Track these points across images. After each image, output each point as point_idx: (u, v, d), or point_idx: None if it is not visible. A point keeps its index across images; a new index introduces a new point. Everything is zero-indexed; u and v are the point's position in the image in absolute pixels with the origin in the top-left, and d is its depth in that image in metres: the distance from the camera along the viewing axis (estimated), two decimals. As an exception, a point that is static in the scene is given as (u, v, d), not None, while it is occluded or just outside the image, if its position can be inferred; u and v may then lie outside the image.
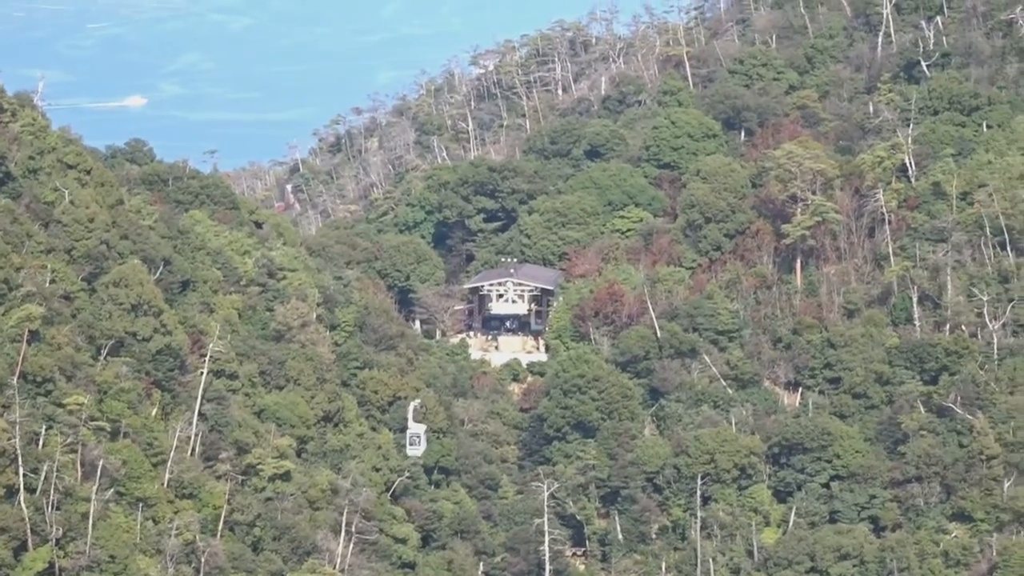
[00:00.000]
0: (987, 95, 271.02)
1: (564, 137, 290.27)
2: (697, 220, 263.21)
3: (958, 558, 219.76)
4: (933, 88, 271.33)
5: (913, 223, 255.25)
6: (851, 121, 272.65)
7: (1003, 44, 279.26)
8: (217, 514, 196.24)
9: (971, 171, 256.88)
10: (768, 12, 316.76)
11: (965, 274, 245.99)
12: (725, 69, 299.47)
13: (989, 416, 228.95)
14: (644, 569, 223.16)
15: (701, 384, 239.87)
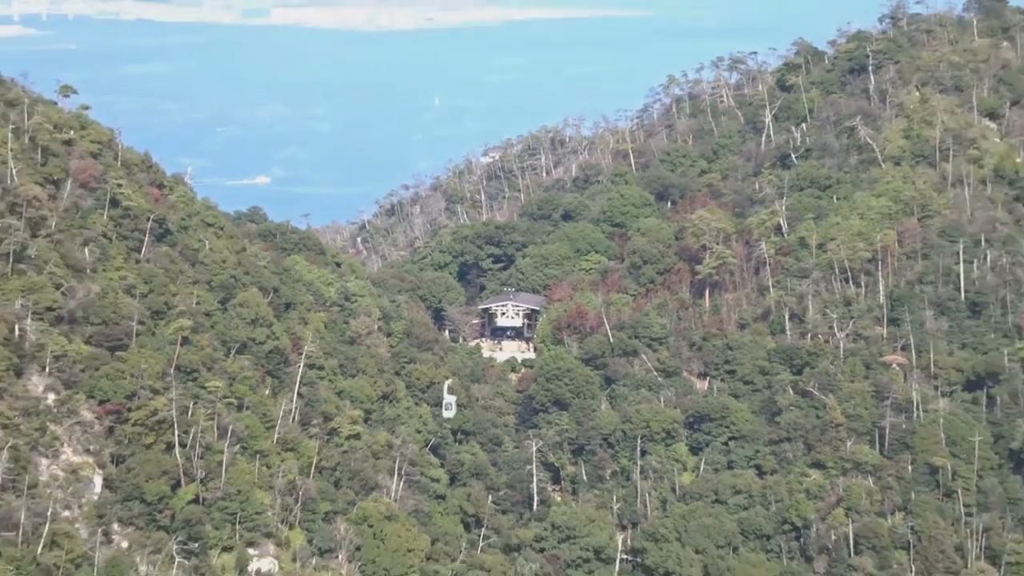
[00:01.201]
0: (836, 177, 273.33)
1: (547, 205, 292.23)
2: (637, 262, 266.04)
3: (815, 494, 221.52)
4: (799, 173, 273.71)
5: (785, 265, 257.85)
6: (743, 195, 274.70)
7: (847, 143, 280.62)
8: (310, 462, 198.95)
9: (825, 229, 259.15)
10: (687, 120, 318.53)
11: (820, 300, 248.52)
12: (657, 159, 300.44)
13: (836, 396, 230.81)
14: (601, 500, 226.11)
15: (640, 374, 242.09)
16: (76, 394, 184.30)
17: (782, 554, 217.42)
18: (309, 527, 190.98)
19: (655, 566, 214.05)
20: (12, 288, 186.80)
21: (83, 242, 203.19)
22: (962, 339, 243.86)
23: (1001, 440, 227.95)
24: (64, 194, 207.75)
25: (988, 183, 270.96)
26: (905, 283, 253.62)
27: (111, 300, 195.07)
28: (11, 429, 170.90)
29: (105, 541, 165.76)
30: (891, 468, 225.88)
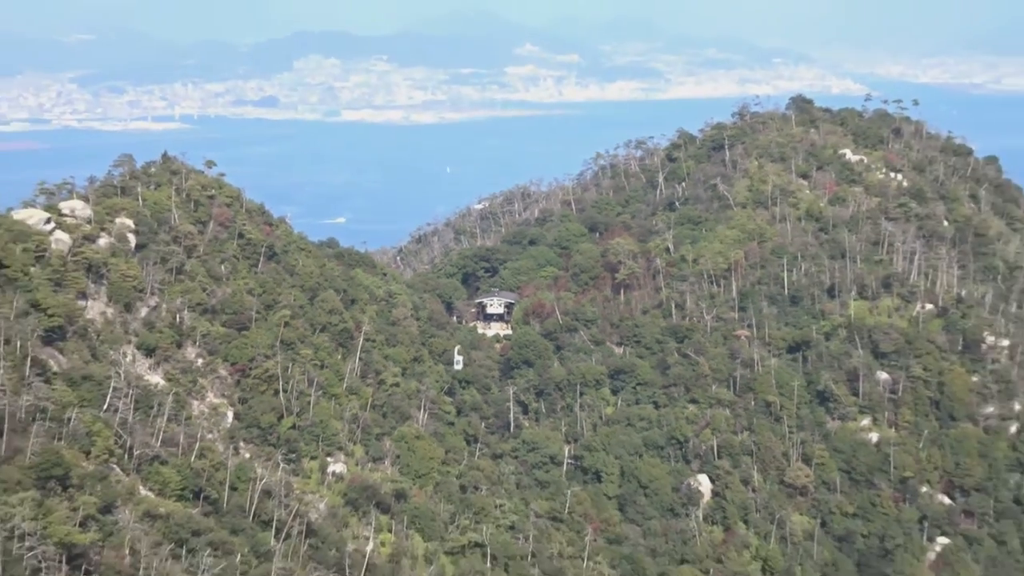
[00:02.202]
0: (704, 217, 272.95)
1: (518, 236, 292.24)
2: (577, 272, 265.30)
3: (692, 420, 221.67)
4: (681, 214, 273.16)
5: (672, 273, 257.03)
6: (645, 228, 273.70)
7: (711, 194, 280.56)
8: (366, 401, 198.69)
9: (697, 250, 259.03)
10: (608, 180, 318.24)
11: (695, 295, 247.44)
12: (589, 205, 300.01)
13: (705, 357, 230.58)
14: (554, 425, 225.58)
15: (579, 344, 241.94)
16: (216, 359, 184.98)
17: (670, 459, 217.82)
18: (366, 443, 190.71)
19: (588, 467, 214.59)
20: (175, 291, 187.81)
21: (220, 261, 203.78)
22: (785, 320, 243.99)
23: (811, 384, 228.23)
24: (208, 230, 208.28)
25: (801, 220, 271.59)
26: (749, 284, 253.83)
27: (238, 298, 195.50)
28: (174, 381, 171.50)
29: (234, 453, 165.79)
30: (741, 403, 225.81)
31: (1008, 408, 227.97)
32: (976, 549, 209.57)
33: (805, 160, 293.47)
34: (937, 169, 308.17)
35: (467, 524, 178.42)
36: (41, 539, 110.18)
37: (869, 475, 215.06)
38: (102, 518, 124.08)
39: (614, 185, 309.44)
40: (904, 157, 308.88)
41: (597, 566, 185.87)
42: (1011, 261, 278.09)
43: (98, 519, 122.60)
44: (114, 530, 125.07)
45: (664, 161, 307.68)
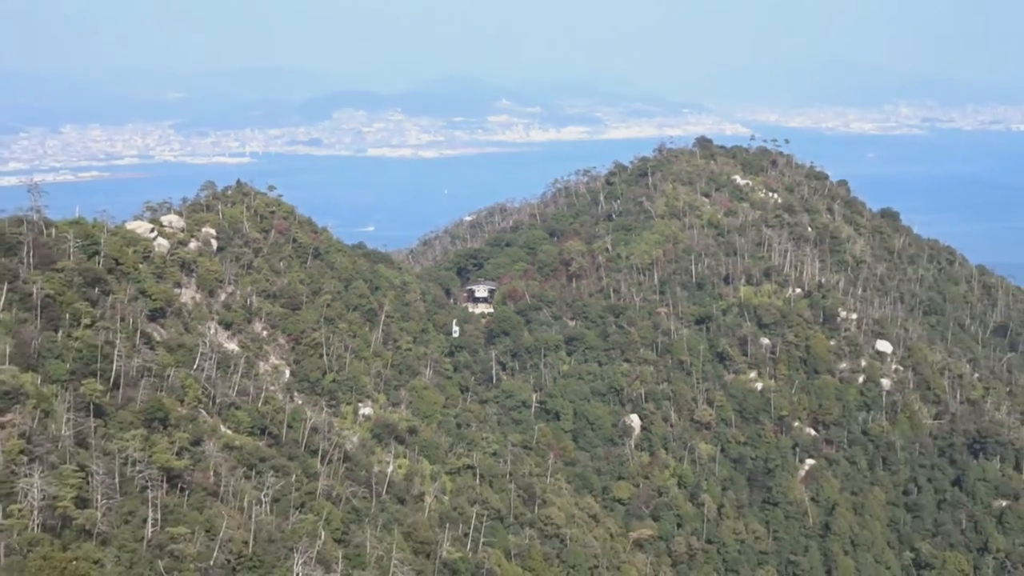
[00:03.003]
0: (634, 226, 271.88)
1: (498, 240, 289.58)
2: (541, 266, 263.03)
3: (625, 374, 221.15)
4: (617, 223, 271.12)
5: (611, 267, 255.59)
6: (591, 234, 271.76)
7: (639, 209, 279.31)
8: (387, 361, 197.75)
9: (629, 249, 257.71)
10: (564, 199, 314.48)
11: (627, 282, 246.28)
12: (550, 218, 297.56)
13: (635, 328, 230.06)
14: (525, 378, 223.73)
15: (543, 319, 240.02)
16: (276, 331, 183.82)
17: (610, 403, 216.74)
18: (387, 393, 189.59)
19: (550, 409, 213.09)
20: (246, 281, 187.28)
21: (279, 259, 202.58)
22: (693, 300, 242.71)
23: (713, 347, 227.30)
24: (270, 237, 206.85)
25: (704, 227, 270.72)
26: (667, 274, 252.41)
27: (292, 286, 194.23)
28: (245, 348, 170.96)
29: (290, 400, 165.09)
30: (661, 362, 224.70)
31: (856, 364, 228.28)
32: (834, 468, 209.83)
33: (706, 184, 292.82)
34: (803, 190, 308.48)
35: (462, 452, 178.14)
36: (147, 464, 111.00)
37: (755, 414, 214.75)
38: (193, 449, 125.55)
39: (568, 202, 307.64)
40: (779, 181, 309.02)
41: (557, 481, 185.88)
42: (857, 257, 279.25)
43: (190, 450, 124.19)
44: (202, 457, 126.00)
45: (604, 184, 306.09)
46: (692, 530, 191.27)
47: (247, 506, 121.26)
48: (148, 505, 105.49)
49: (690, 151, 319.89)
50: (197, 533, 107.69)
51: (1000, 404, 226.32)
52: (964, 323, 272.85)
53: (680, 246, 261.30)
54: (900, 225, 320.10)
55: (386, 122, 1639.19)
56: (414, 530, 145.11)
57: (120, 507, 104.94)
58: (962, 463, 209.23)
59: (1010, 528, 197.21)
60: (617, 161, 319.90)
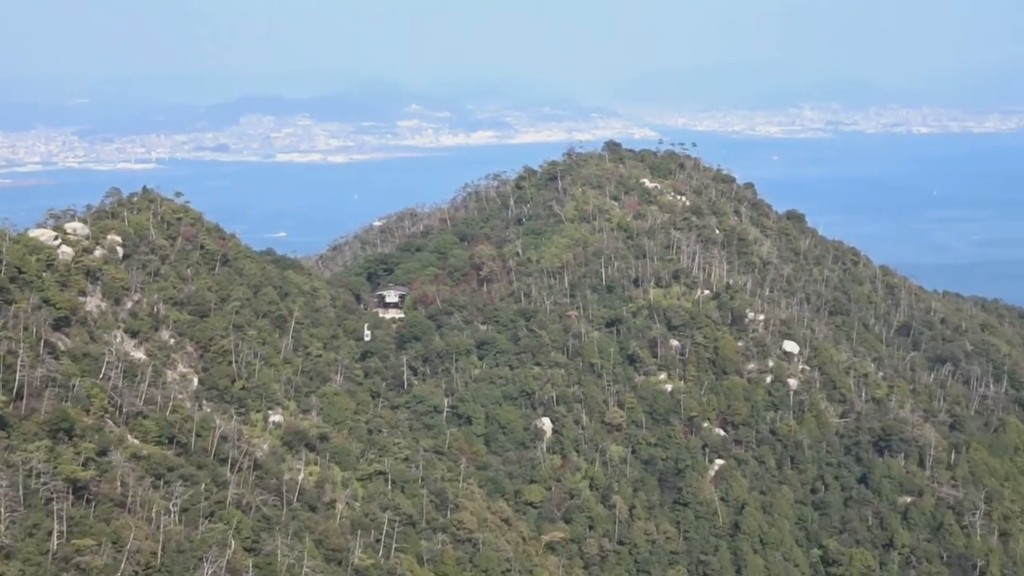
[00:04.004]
0: (544, 229, 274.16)
1: (408, 244, 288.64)
2: (452, 270, 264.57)
3: (537, 377, 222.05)
4: (527, 227, 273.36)
5: (521, 270, 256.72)
6: (502, 237, 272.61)
7: (548, 212, 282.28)
8: (296, 368, 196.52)
9: (540, 253, 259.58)
10: (474, 203, 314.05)
11: (538, 286, 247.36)
12: (460, 222, 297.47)
13: (547, 331, 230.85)
14: (437, 383, 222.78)
15: (454, 323, 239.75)
16: (184, 339, 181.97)
17: (522, 406, 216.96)
18: (298, 400, 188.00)
19: (462, 413, 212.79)
20: (153, 289, 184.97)
21: (187, 266, 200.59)
22: (603, 303, 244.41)
23: (623, 349, 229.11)
24: (177, 244, 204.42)
25: (614, 231, 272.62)
26: (577, 277, 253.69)
27: (200, 293, 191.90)
28: (153, 356, 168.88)
29: (199, 409, 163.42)
30: (572, 364, 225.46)
31: (764, 364, 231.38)
32: (743, 467, 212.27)
33: (616, 187, 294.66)
34: (710, 193, 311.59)
35: (373, 457, 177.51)
36: (52, 476, 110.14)
37: (666, 415, 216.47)
38: (99, 459, 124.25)
39: (478, 207, 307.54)
40: (687, 184, 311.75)
41: (469, 486, 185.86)
42: (764, 258, 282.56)
43: (96, 460, 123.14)
44: (108, 468, 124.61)
45: (514, 189, 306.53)
46: (604, 532, 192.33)
47: (155, 516, 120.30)
48: (53, 517, 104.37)
49: (599, 155, 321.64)
50: (104, 545, 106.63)
51: (904, 402, 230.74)
52: (868, 323, 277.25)
53: (590, 249, 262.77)
54: (805, 227, 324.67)
55: (294, 127, 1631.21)
56: (325, 537, 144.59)
57: (24, 520, 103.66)
58: (868, 461, 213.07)
59: (914, 524, 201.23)
60: (527, 165, 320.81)
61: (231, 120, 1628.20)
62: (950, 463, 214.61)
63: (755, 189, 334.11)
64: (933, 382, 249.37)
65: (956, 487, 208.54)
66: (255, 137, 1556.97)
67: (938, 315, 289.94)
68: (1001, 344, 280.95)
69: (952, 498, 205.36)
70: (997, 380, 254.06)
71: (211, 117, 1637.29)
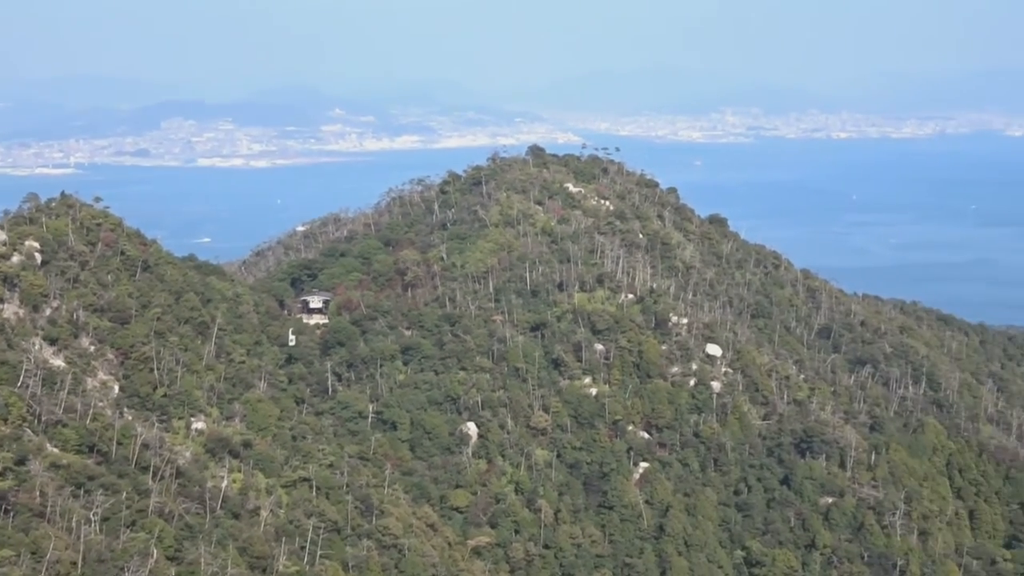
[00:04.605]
0: (469, 234, 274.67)
1: (332, 250, 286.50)
2: (376, 276, 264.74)
3: (462, 382, 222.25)
4: (451, 232, 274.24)
5: (446, 275, 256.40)
6: (426, 242, 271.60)
7: (473, 217, 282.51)
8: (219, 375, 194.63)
9: (464, 258, 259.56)
10: (399, 208, 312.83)
11: (463, 291, 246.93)
12: (384, 227, 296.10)
13: (471, 336, 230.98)
14: (362, 389, 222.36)
15: (379, 328, 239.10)
16: (104, 346, 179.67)
17: (447, 411, 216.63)
18: (221, 406, 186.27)
19: (387, 419, 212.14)
20: (72, 296, 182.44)
21: (107, 272, 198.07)
22: (528, 308, 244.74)
23: (548, 354, 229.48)
24: (97, 250, 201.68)
25: (538, 235, 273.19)
26: (501, 282, 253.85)
27: (120, 300, 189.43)
28: (72, 364, 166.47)
29: (120, 417, 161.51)
30: (497, 369, 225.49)
31: (688, 368, 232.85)
32: (667, 470, 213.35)
33: (540, 192, 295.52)
34: (634, 197, 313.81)
35: (298, 464, 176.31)
36: None
37: (591, 419, 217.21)
38: (17, 469, 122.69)
39: (402, 212, 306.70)
40: (610, 189, 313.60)
41: (395, 491, 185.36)
42: (687, 262, 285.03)
43: (14, 470, 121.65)
44: (27, 477, 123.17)
45: (438, 194, 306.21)
46: (529, 536, 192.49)
47: (75, 526, 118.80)
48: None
49: (523, 160, 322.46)
50: (23, 556, 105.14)
51: (825, 404, 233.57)
52: (790, 326, 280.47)
53: (514, 254, 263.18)
54: (728, 231, 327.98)
55: (216, 132, 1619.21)
56: (249, 545, 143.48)
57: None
58: (790, 462, 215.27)
59: (836, 524, 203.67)
60: (451, 170, 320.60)
61: (152, 125, 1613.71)
62: (870, 464, 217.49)
63: (678, 194, 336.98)
64: (853, 384, 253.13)
65: (876, 487, 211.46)
66: (176, 142, 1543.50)
67: (858, 318, 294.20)
68: (919, 346, 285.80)
69: (872, 498, 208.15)
70: (916, 381, 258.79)
71: (131, 122, 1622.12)
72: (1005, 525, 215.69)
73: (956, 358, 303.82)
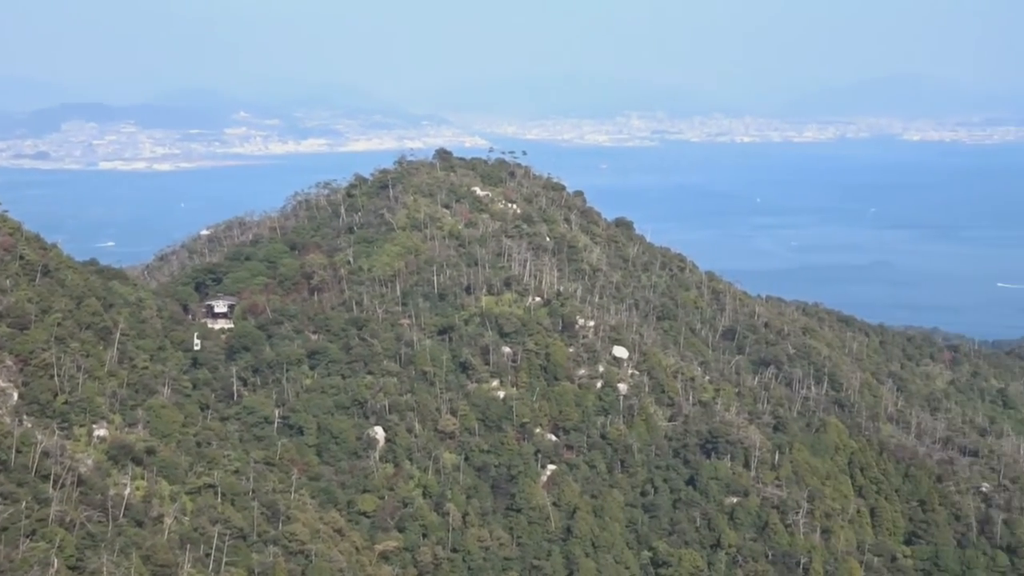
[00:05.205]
0: (376, 237, 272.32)
1: (237, 253, 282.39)
2: (282, 279, 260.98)
3: (371, 387, 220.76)
4: (358, 235, 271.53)
5: (353, 279, 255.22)
6: (333, 246, 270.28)
7: (380, 221, 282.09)
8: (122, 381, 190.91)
9: (371, 261, 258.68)
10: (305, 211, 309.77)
11: (370, 295, 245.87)
12: (290, 230, 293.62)
13: (379, 339, 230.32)
14: (268, 394, 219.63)
15: (285, 333, 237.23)
16: (2, 352, 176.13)
17: (354, 416, 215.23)
18: (123, 413, 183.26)
19: (293, 424, 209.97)
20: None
21: (5, 277, 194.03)
22: (436, 311, 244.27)
23: (456, 357, 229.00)
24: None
25: (446, 239, 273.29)
26: (409, 285, 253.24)
27: (19, 305, 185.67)
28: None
29: (19, 424, 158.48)
30: (405, 373, 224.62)
31: (594, 370, 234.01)
32: (575, 472, 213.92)
33: (447, 195, 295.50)
34: (541, 200, 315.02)
35: (202, 471, 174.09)
36: None
37: (498, 422, 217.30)
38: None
39: (308, 215, 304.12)
40: (517, 192, 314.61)
41: (301, 497, 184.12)
42: (593, 265, 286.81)
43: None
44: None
45: (345, 197, 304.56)
46: (437, 540, 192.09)
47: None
48: None
49: (430, 163, 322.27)
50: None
51: (729, 405, 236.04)
52: (695, 327, 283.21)
53: (422, 257, 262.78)
54: (634, 234, 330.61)
55: (118, 135, 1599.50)
56: (153, 553, 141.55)
57: None
58: (695, 463, 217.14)
59: (740, 524, 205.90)
60: (358, 173, 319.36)
61: (51, 127, 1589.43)
62: (774, 463, 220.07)
63: (584, 197, 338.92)
64: (757, 385, 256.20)
65: (780, 487, 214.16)
66: (77, 144, 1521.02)
67: (762, 319, 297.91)
68: (821, 347, 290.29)
69: (776, 497, 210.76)
70: (818, 382, 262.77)
71: (31, 124, 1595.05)
72: (905, 522, 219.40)
73: (857, 358, 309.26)
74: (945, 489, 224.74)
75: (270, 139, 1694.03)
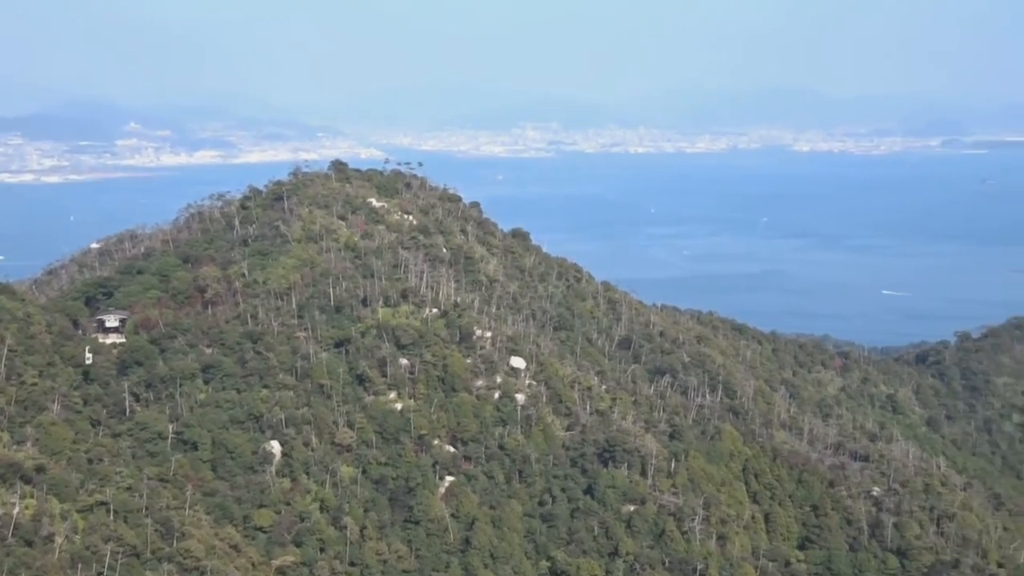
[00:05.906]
0: (271, 250, 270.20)
1: (129, 267, 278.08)
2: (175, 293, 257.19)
3: (267, 401, 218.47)
4: (252, 248, 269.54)
5: (248, 292, 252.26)
6: (226, 259, 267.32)
7: (275, 233, 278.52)
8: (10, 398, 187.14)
9: (266, 274, 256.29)
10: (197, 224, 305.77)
11: (265, 308, 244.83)
12: (183, 243, 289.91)
13: (274, 353, 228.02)
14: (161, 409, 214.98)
15: (177, 347, 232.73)
16: None
17: (250, 430, 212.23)
18: (11, 431, 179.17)
19: (188, 439, 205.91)
20: None
21: None
22: (332, 323, 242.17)
23: (352, 370, 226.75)
24: None
25: (341, 251, 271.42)
26: (305, 298, 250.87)
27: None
28: None
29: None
30: (301, 386, 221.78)
31: (492, 380, 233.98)
32: (473, 483, 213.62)
33: (343, 207, 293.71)
34: (437, 212, 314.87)
35: (94, 488, 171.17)
36: None
37: (396, 434, 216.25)
38: None
39: (202, 228, 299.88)
40: (413, 203, 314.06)
41: (196, 513, 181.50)
42: (490, 276, 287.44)
43: None
44: None
45: (239, 209, 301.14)
46: (335, 554, 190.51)
47: None
48: None
49: (325, 175, 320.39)
50: None
51: (626, 413, 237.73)
52: (591, 337, 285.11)
53: (318, 270, 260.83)
54: (530, 244, 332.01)
55: (4, 146, 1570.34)
56: (43, 573, 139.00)
57: None
58: (593, 472, 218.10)
59: (638, 531, 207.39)
60: (252, 185, 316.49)
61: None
62: (670, 471, 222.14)
63: (481, 208, 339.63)
64: (653, 393, 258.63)
65: (676, 494, 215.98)
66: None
67: (657, 328, 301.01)
68: (716, 355, 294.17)
69: (673, 505, 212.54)
70: (713, 390, 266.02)
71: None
72: (798, 527, 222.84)
73: (751, 366, 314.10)
74: (837, 494, 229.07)
75: (162, 151, 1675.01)
